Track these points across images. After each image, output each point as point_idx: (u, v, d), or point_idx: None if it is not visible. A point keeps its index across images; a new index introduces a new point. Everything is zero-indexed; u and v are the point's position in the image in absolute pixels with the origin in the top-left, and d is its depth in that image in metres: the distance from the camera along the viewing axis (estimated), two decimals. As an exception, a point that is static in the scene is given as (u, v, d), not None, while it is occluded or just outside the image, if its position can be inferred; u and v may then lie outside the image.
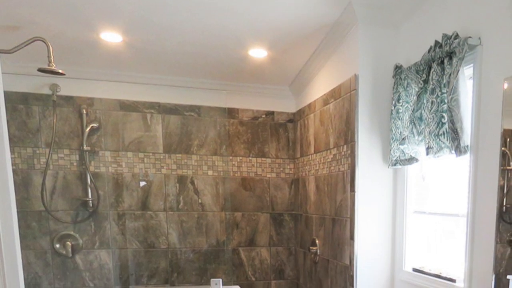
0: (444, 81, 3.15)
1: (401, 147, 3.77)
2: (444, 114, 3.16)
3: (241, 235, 5.73)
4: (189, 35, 4.17)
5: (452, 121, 3.08)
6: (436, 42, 3.23)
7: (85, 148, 5.01)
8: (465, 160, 3.13)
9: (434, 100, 3.27)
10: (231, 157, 5.58)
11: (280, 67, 5.04)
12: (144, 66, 4.94)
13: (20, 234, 1.97)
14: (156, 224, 5.37)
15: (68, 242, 5.08)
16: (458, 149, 3.06)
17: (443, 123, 3.17)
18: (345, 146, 4.26)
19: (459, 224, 3.47)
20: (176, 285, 5.47)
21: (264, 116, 5.66)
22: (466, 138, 3.03)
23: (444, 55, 3.13)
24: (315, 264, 5.15)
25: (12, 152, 4.75)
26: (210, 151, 5.45)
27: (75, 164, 5.05)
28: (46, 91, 4.91)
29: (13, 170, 3.25)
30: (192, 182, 5.43)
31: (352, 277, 4.15)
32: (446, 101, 3.14)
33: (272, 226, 5.79)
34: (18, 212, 1.94)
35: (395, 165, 3.90)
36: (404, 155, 3.78)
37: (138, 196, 5.28)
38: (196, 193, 5.44)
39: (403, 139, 3.72)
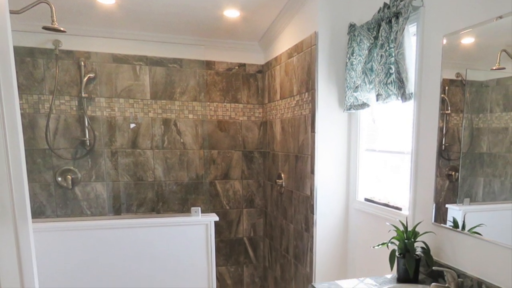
0: (392, 38, 3.18)
1: (355, 94, 3.80)
2: (391, 66, 3.20)
3: (217, 170, 5.78)
4: (173, -3, 4.14)
5: (398, 72, 3.12)
6: (385, 4, 3.24)
7: (83, 95, 4.99)
8: (410, 105, 3.17)
9: (383, 53, 3.30)
10: (208, 103, 5.58)
11: (251, 25, 5.01)
12: (133, 24, 4.87)
13: (27, 169, 1.99)
14: (144, 160, 5.39)
15: (69, 176, 5.09)
16: (404, 96, 3.11)
17: (390, 74, 3.21)
18: (306, 93, 4.30)
19: (404, 160, 3.51)
20: (161, 213, 5.50)
21: (237, 67, 5.65)
22: (411, 86, 3.08)
23: (392, 15, 3.15)
24: (280, 194, 5.23)
25: (20, 98, 4.71)
26: (191, 98, 5.44)
27: (74, 109, 5.01)
28: (50, 46, 4.84)
29: (21, 114, 3.26)
30: (175, 124, 5.43)
31: (312, 205, 4.22)
32: (393, 54, 3.16)
33: (243, 162, 5.85)
34: (25, 150, 1.97)
35: (349, 109, 3.94)
36: (357, 101, 3.81)
37: (129, 136, 5.28)
38: (179, 134, 5.46)
39: (356, 87, 3.75)
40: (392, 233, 3.06)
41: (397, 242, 2.91)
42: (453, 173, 2.75)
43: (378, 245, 3.08)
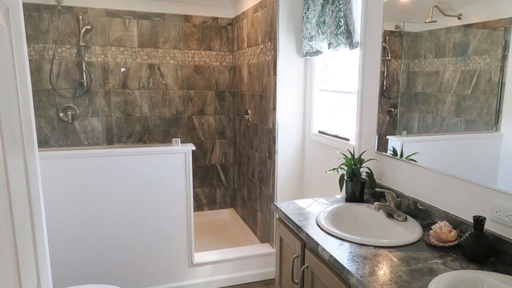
0: (342, -5, 3.17)
1: (310, 43, 3.80)
2: (341, 19, 3.20)
3: (194, 107, 5.73)
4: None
5: (347, 24, 3.13)
6: (338, -33, 3.19)
7: (81, 44, 4.85)
8: (356, 52, 3.17)
9: (334, 9, 3.30)
10: (187, 50, 5.48)
11: (223, -16, 4.90)
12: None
13: (34, 106, 1.95)
14: (133, 99, 5.30)
15: (69, 112, 5.00)
16: (351, 45, 3.13)
17: (340, 26, 3.22)
18: (269, 42, 4.26)
19: (351, 99, 3.53)
20: (147, 143, 5.48)
21: (211, 20, 5.53)
22: (357, 36, 3.11)
23: (342, -24, 3.12)
24: (247, 128, 5.24)
25: (28, 46, 4.60)
26: (172, 46, 5.33)
27: (74, 55, 4.87)
28: (53, 2, 4.66)
29: (29, 60, 3.16)
30: (159, 69, 5.34)
31: (274, 137, 4.26)
32: (342, 10, 3.17)
33: (216, 100, 5.80)
34: (32, 90, 1.91)
35: (305, 56, 3.95)
36: (312, 49, 3.82)
37: (120, 79, 5.18)
38: (162, 77, 5.37)
39: (311, 37, 3.75)
40: (341, 160, 3.11)
41: (345, 168, 2.93)
42: (392, 109, 2.77)
43: (330, 170, 3.12)
